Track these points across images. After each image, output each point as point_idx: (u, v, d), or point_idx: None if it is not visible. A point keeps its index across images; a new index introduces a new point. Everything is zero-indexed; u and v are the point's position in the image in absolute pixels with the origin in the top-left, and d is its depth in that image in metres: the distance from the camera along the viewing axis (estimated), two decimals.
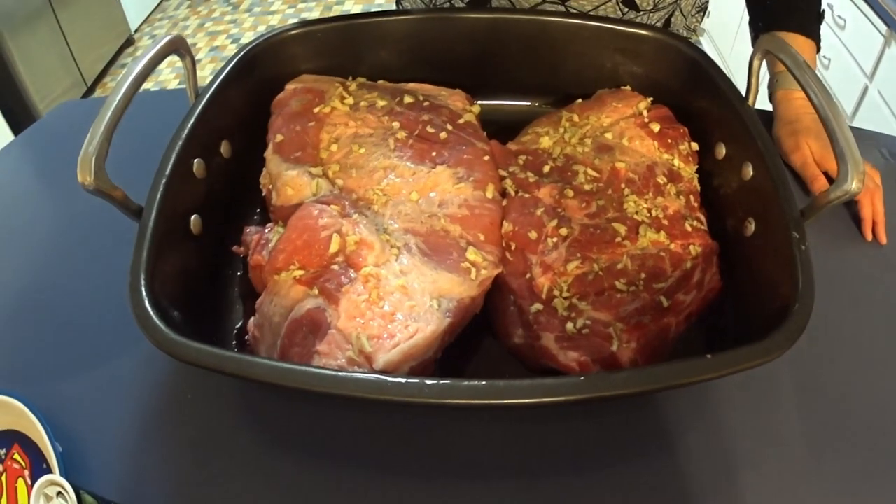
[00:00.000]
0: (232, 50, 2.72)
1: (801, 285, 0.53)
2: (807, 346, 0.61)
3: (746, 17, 0.90)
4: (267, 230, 0.64)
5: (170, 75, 3.01)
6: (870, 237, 0.75)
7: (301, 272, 0.57)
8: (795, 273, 0.53)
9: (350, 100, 0.72)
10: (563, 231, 0.62)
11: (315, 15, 3.36)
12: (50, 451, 0.53)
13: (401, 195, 0.63)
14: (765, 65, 0.72)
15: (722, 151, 0.71)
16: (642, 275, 0.61)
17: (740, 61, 2.40)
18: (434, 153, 0.67)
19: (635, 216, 0.64)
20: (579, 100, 0.80)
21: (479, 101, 0.80)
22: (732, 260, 0.66)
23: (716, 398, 0.61)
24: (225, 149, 0.70)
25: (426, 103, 0.73)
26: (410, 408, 0.58)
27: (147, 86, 2.88)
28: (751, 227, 0.63)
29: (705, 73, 0.73)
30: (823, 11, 0.85)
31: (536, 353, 0.58)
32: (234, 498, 0.55)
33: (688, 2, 0.92)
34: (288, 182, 0.65)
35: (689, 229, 0.65)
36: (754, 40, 0.85)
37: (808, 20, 0.83)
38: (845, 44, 1.85)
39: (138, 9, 3.35)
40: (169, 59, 0.65)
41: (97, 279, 0.69)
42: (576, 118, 0.76)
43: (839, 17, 1.85)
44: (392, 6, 0.96)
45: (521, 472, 0.56)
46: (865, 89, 1.77)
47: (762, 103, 0.88)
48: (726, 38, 2.63)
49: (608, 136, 0.72)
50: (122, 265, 0.54)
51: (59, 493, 0.51)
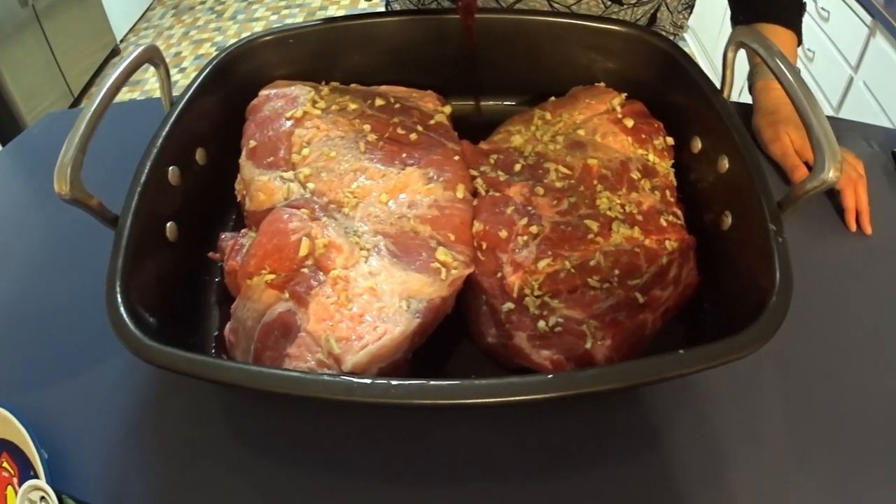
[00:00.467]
0: None
1: (778, 278, 0.52)
2: (792, 338, 0.61)
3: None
4: (241, 236, 0.64)
5: (155, 84, 3.00)
6: (854, 227, 0.74)
7: (272, 276, 0.57)
8: (773, 266, 0.53)
9: (322, 104, 0.72)
10: (534, 229, 0.62)
11: (299, 21, 3.35)
12: (36, 459, 0.54)
13: (371, 197, 0.63)
14: (746, 57, 0.71)
15: (698, 145, 0.70)
16: (616, 271, 0.60)
17: None
18: (404, 154, 0.67)
19: (608, 212, 0.64)
20: (552, 97, 0.80)
21: (455, 102, 0.80)
22: (711, 254, 0.65)
23: (702, 393, 0.60)
24: (200, 156, 0.70)
25: (397, 105, 0.73)
26: (378, 409, 0.58)
27: (133, 95, 2.88)
28: (728, 220, 0.63)
29: (680, 66, 0.73)
30: (805, 3, 0.85)
31: (510, 353, 0.58)
32: (216, 501, 0.55)
33: None
34: (260, 187, 0.65)
35: (664, 224, 0.64)
36: None
37: (789, 12, 0.83)
38: (830, 36, 1.85)
39: (124, 19, 3.34)
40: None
41: (81, 288, 0.69)
42: (548, 116, 0.75)
43: (823, 8, 1.85)
44: (376, 10, 0.96)
45: (505, 473, 0.56)
46: (851, 81, 1.77)
47: (746, 97, 0.87)
48: (711, 34, 2.63)
49: (581, 132, 0.72)
50: (104, 274, 0.54)
51: (42, 499, 0.52)
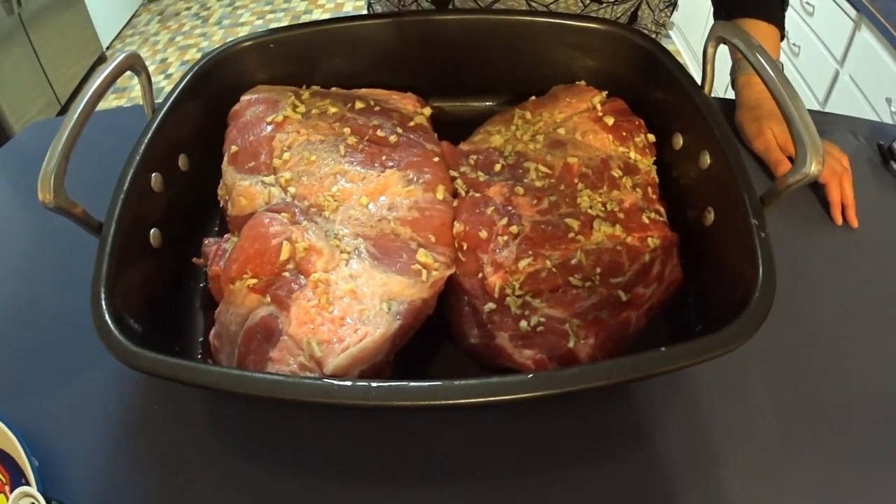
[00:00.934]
0: None
1: (761, 273, 0.52)
2: (780, 333, 0.61)
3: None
4: (224, 241, 0.64)
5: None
6: (839, 221, 0.74)
7: (254, 280, 0.57)
8: (756, 261, 0.53)
9: (302, 108, 0.72)
10: (514, 229, 0.62)
11: (284, 25, 3.33)
12: (27, 466, 0.54)
13: (351, 200, 0.63)
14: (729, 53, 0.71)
15: (679, 141, 0.70)
16: (598, 270, 0.60)
17: None
18: (384, 157, 0.67)
19: (589, 211, 0.64)
20: (533, 97, 0.80)
21: (436, 104, 0.80)
22: (694, 251, 0.65)
23: (690, 389, 0.60)
24: (183, 162, 0.70)
25: (377, 108, 0.73)
26: (359, 411, 0.58)
27: (119, 102, 2.87)
28: (710, 216, 0.63)
29: (660, 63, 0.73)
30: None
31: (493, 353, 0.58)
32: None
33: None
34: (242, 192, 0.65)
35: (646, 222, 0.64)
36: None
37: (772, 6, 0.83)
38: (815, 30, 1.86)
39: (110, 26, 3.32)
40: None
41: (69, 295, 0.69)
42: (528, 115, 0.75)
43: (807, 3, 1.85)
44: (357, 13, 0.96)
45: (491, 473, 0.56)
46: (836, 75, 1.78)
47: (731, 92, 0.87)
48: (697, 32, 2.64)
49: (561, 131, 0.72)
50: (90, 281, 0.54)
51: None
